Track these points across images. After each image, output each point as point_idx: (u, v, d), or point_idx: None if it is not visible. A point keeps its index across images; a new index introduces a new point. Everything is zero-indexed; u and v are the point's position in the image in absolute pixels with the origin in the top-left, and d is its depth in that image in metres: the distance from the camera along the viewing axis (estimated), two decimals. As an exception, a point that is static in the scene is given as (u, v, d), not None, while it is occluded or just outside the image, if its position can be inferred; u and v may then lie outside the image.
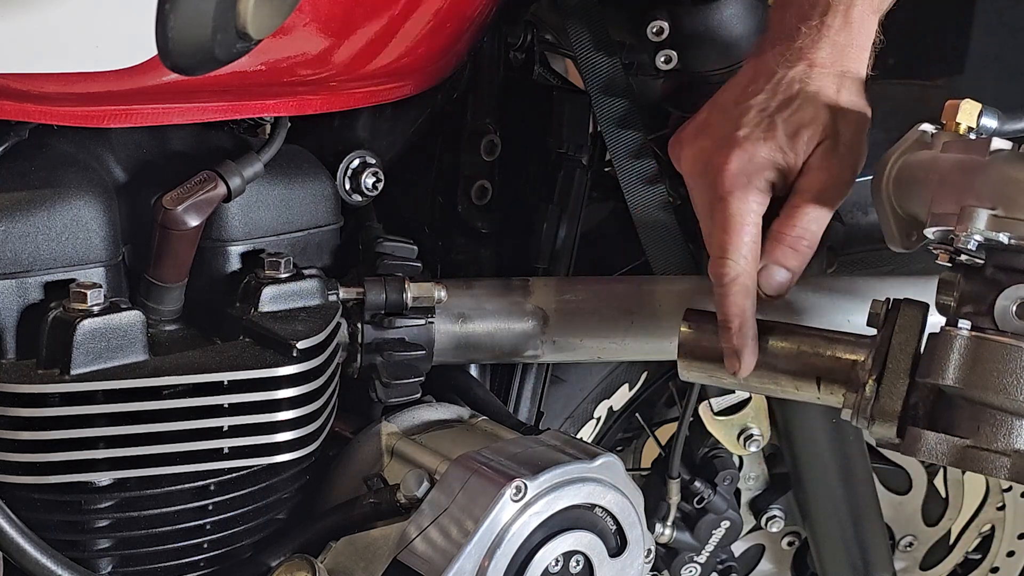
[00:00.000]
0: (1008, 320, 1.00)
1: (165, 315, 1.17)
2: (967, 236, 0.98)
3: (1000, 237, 0.97)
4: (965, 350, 1.01)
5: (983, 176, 0.98)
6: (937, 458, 1.02)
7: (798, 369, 1.14)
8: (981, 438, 1.01)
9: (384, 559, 1.14)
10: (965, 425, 1.03)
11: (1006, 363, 0.99)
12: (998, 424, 1.01)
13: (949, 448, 1.02)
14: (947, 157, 1.04)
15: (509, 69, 1.44)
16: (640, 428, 1.71)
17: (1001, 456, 1.00)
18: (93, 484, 1.11)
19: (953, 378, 1.01)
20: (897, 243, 1.11)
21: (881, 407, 1.07)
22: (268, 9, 0.88)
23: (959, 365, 1.01)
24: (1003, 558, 1.87)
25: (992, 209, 0.97)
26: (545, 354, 1.35)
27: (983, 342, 1.00)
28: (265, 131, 1.22)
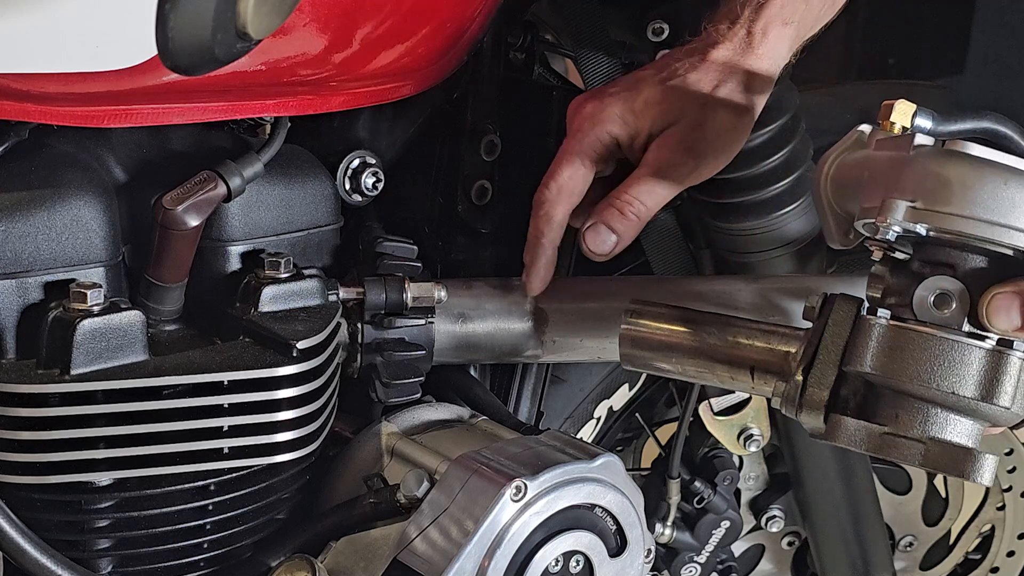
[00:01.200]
0: (926, 310, 1.02)
1: (165, 315, 1.17)
2: (886, 227, 1.00)
3: (918, 228, 0.99)
4: (882, 338, 1.03)
5: (906, 170, 1.01)
6: (856, 444, 1.04)
7: (733, 359, 1.17)
8: (898, 425, 1.03)
9: (384, 559, 1.14)
10: (885, 413, 1.05)
11: (921, 351, 1.01)
12: (914, 411, 1.03)
13: (867, 435, 1.04)
14: (877, 154, 1.07)
15: (509, 69, 1.44)
16: (640, 428, 1.71)
17: (916, 443, 1.02)
18: (93, 484, 1.11)
19: (871, 365, 1.03)
20: (835, 240, 1.14)
21: (808, 397, 1.08)
22: (268, 9, 0.88)
23: (877, 353, 1.03)
24: (1003, 558, 1.87)
25: (912, 201, 0.99)
26: (545, 354, 1.35)
27: (900, 331, 1.02)
28: (265, 131, 1.22)
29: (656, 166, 1.22)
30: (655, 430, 1.72)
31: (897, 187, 1.00)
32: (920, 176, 1.00)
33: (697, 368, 1.19)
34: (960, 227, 0.98)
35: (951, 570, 1.88)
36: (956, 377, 1.00)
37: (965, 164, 0.98)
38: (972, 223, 0.98)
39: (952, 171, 0.98)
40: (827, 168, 1.11)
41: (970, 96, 1.71)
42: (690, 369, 1.20)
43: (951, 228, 0.98)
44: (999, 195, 0.97)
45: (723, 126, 1.23)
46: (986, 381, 1.00)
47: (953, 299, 1.01)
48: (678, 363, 1.20)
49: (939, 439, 1.02)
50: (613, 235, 1.23)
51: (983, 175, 0.98)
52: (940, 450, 1.02)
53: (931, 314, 1.02)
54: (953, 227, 0.98)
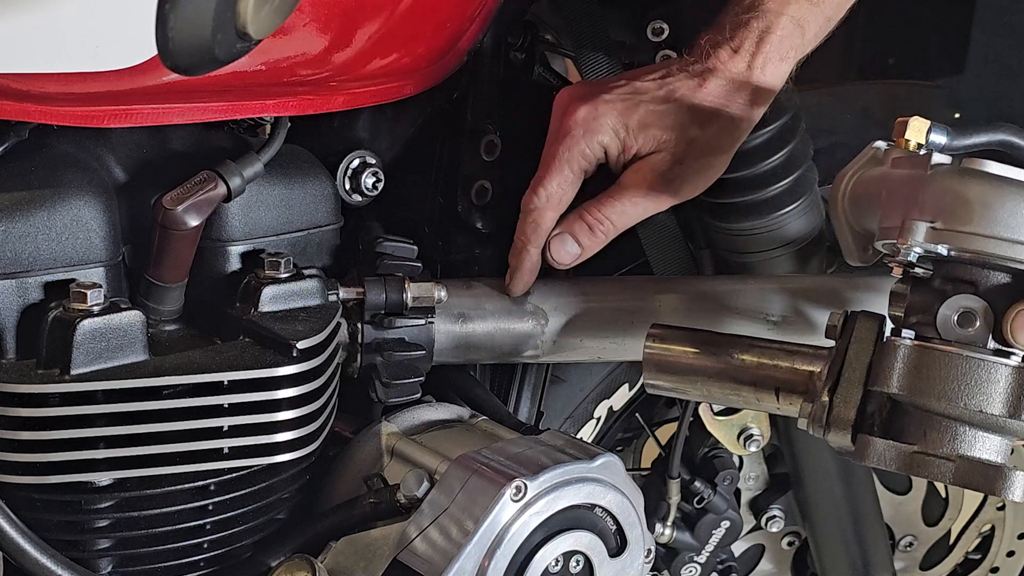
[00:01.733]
0: (950, 329, 1.03)
1: (165, 315, 1.17)
2: (907, 248, 1.01)
3: (939, 249, 1.00)
4: (908, 358, 1.03)
5: (924, 190, 1.01)
6: (886, 464, 1.05)
7: (758, 380, 1.18)
8: (927, 444, 1.04)
9: (384, 559, 1.14)
10: (912, 431, 1.05)
11: (947, 370, 1.01)
12: (943, 430, 1.04)
13: (897, 454, 1.05)
14: (894, 173, 1.08)
15: (509, 69, 1.44)
16: (640, 428, 1.71)
17: (946, 461, 1.03)
18: (93, 484, 1.11)
19: (898, 386, 1.04)
20: (854, 257, 1.15)
21: (835, 416, 1.09)
22: (268, 9, 0.88)
23: (903, 373, 1.03)
24: (1003, 558, 1.87)
25: (932, 222, 1.00)
26: (545, 354, 1.35)
27: (925, 351, 1.03)
28: (265, 131, 1.22)
29: (631, 189, 1.25)
30: (655, 430, 1.72)
31: (916, 207, 1.01)
32: (939, 196, 1.00)
33: (722, 391, 1.20)
34: (981, 246, 0.99)
35: (951, 570, 1.88)
36: (983, 395, 1.01)
37: (984, 183, 0.99)
38: (993, 242, 0.98)
39: (971, 190, 0.99)
40: (844, 185, 1.12)
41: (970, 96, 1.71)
42: (715, 392, 1.21)
43: (972, 248, 0.99)
44: (1019, 212, 0.98)
45: (704, 164, 1.26)
46: (1013, 398, 1.01)
47: (977, 317, 1.02)
48: (703, 387, 1.21)
49: (968, 457, 1.03)
50: (578, 248, 1.27)
51: (1002, 193, 0.98)
52: (970, 467, 1.02)
53: (955, 332, 1.02)
54: (974, 246, 0.99)
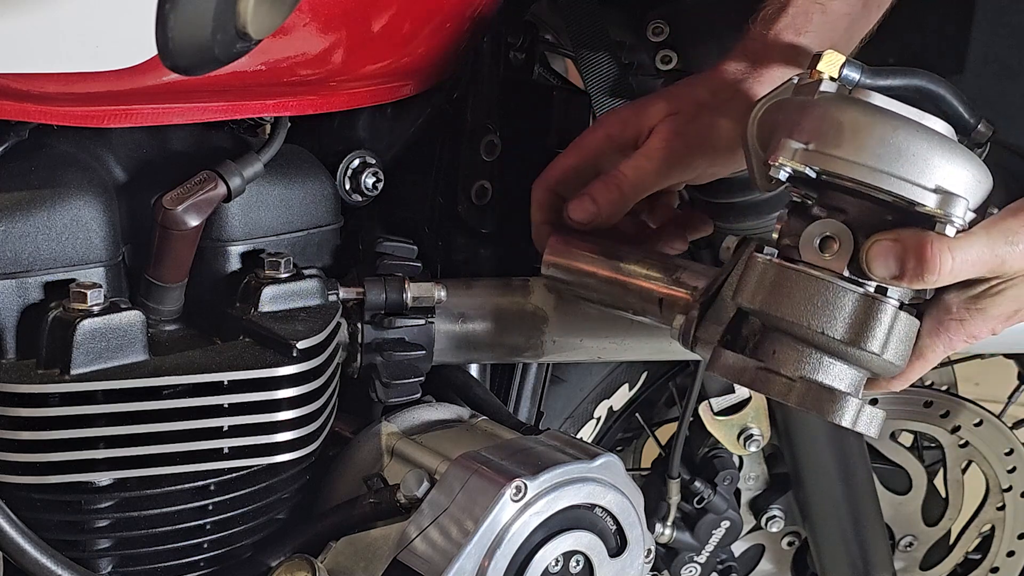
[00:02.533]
0: (810, 251, 1.03)
1: (165, 315, 1.17)
2: (776, 167, 1.01)
3: (807, 170, 1.00)
4: (764, 275, 1.04)
5: (806, 113, 1.02)
6: (733, 376, 1.06)
7: (644, 290, 1.19)
8: (774, 361, 1.05)
9: (384, 559, 1.14)
10: (764, 349, 1.06)
11: (797, 290, 1.02)
12: (790, 350, 1.05)
13: (743, 368, 1.06)
14: (791, 99, 1.08)
15: (509, 69, 1.44)
16: (640, 428, 1.71)
17: (787, 380, 1.04)
18: (93, 484, 1.11)
19: (750, 300, 1.05)
20: (760, 184, 1.14)
21: (703, 332, 1.11)
22: (268, 9, 0.88)
23: (757, 289, 1.05)
24: (1003, 558, 1.87)
25: (805, 143, 1.00)
26: (545, 354, 1.35)
27: (780, 269, 1.04)
28: (265, 131, 1.22)
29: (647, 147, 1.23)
30: (655, 430, 1.72)
31: (795, 129, 1.02)
32: (817, 119, 1.01)
33: (611, 296, 1.22)
34: (847, 171, 0.99)
35: (951, 570, 1.88)
36: (828, 318, 1.01)
37: (859, 110, 1.00)
38: (857, 168, 0.99)
39: (847, 116, 1.00)
40: (754, 113, 1.12)
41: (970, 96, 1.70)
42: (604, 296, 1.22)
43: (838, 171, 0.99)
44: (887, 142, 0.98)
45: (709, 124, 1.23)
46: (856, 324, 1.01)
47: (837, 242, 1.02)
48: (594, 290, 1.23)
49: (808, 378, 1.04)
50: (592, 204, 1.23)
51: (874, 121, 0.99)
52: (807, 389, 1.03)
53: (814, 255, 1.03)
54: (840, 170, 0.99)
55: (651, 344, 1.36)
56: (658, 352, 1.39)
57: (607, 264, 1.22)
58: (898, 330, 1.03)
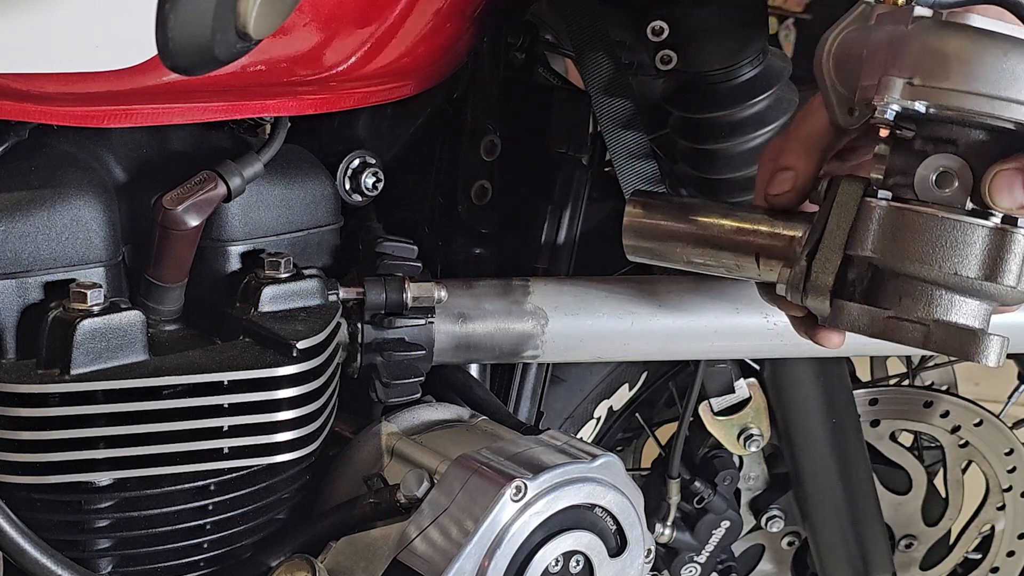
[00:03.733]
0: (927, 190, 0.99)
1: (165, 315, 1.17)
2: (883, 106, 0.97)
3: (916, 106, 0.96)
4: (883, 220, 1.00)
5: (903, 45, 0.97)
6: (860, 329, 1.02)
7: (738, 245, 1.14)
8: (902, 309, 1.01)
9: (384, 559, 1.14)
10: (889, 297, 1.02)
11: (923, 232, 0.98)
12: (918, 294, 1.00)
13: (871, 319, 1.01)
14: (877, 29, 1.03)
15: (509, 69, 1.44)
16: (640, 428, 1.71)
17: (919, 325, 1.00)
18: (93, 484, 1.11)
19: (872, 248, 1.00)
20: (839, 119, 1.08)
21: (813, 282, 1.05)
22: (268, 9, 0.88)
23: (878, 235, 1.00)
24: (1003, 558, 1.87)
25: (909, 78, 0.96)
26: (545, 354, 1.35)
27: (900, 212, 0.99)
28: (265, 131, 1.22)
29: (813, 100, 1.13)
30: (655, 430, 1.72)
31: (895, 64, 0.97)
32: (917, 51, 0.96)
33: (702, 257, 1.16)
34: (959, 103, 0.94)
35: (951, 570, 1.88)
36: (959, 257, 0.97)
37: (964, 36, 0.95)
38: (971, 98, 0.94)
39: (950, 44, 0.95)
40: (828, 45, 1.06)
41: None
42: (695, 258, 1.17)
43: (950, 104, 0.95)
44: (999, 68, 0.93)
45: None
46: (990, 260, 0.97)
47: (955, 177, 0.98)
48: (683, 252, 1.17)
49: (943, 321, 0.99)
50: (790, 170, 1.12)
51: (982, 47, 0.94)
52: (944, 332, 0.99)
53: (933, 193, 0.98)
54: (952, 103, 0.95)
55: (651, 344, 1.37)
56: (658, 352, 1.39)
57: (694, 222, 1.16)
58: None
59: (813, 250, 1.06)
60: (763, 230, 1.12)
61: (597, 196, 1.51)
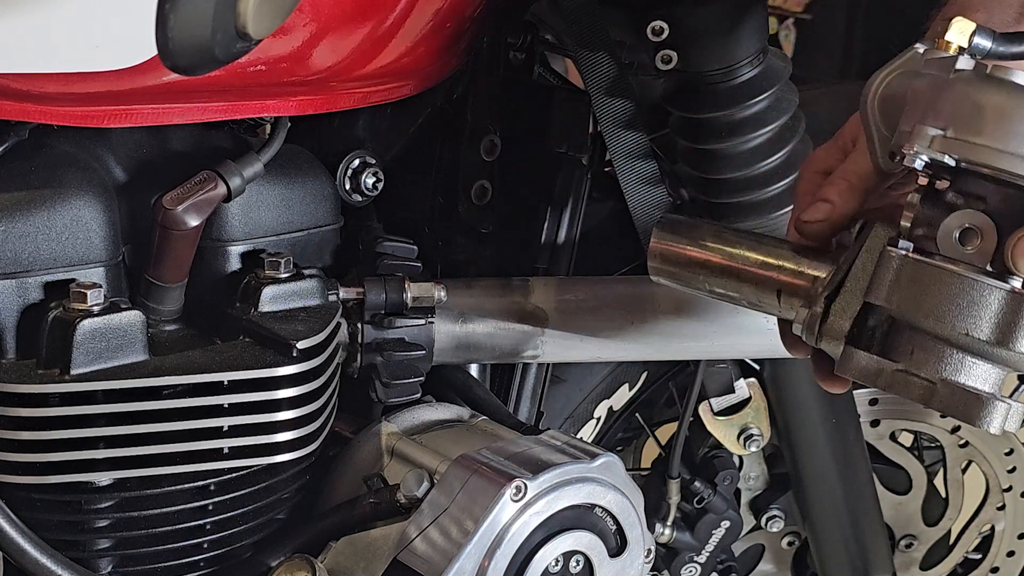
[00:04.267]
0: (949, 245, 0.96)
1: (165, 315, 1.17)
2: (912, 155, 0.94)
3: (946, 159, 0.93)
4: (901, 271, 0.97)
5: (941, 95, 0.95)
6: (867, 379, 0.99)
7: (761, 280, 1.12)
8: (912, 363, 0.98)
9: (384, 559, 1.14)
10: (901, 350, 0.99)
11: (938, 288, 0.95)
12: (929, 350, 0.97)
13: (879, 370, 0.99)
14: (922, 75, 1.00)
15: (509, 69, 1.44)
16: (640, 428, 1.71)
17: (927, 383, 0.97)
18: (93, 484, 1.11)
19: (887, 299, 0.98)
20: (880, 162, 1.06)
21: (829, 326, 1.03)
22: (268, 9, 0.88)
23: (894, 286, 0.97)
24: (1003, 558, 1.87)
25: (943, 129, 0.93)
26: (545, 354, 1.35)
27: (919, 265, 0.96)
28: (265, 131, 1.22)
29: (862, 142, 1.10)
30: (655, 430, 1.72)
31: (930, 113, 0.94)
32: (954, 102, 0.93)
33: (724, 287, 1.14)
34: (990, 160, 0.91)
35: (951, 570, 1.88)
36: (973, 318, 0.94)
37: (1002, 92, 0.92)
38: (1004, 157, 0.91)
39: (988, 98, 0.92)
40: (876, 86, 1.04)
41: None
42: (717, 288, 1.15)
43: (981, 160, 0.92)
44: None
45: None
46: (1004, 324, 0.93)
47: (980, 236, 0.95)
48: (705, 280, 1.15)
49: (951, 381, 0.97)
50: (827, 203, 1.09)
51: (1020, 105, 0.91)
52: (950, 392, 0.96)
53: (955, 249, 0.95)
54: (983, 159, 0.92)
55: (651, 344, 1.37)
56: (658, 352, 1.39)
57: (719, 252, 1.14)
58: None
59: (834, 293, 1.04)
60: (788, 267, 1.10)
61: (597, 196, 1.51)
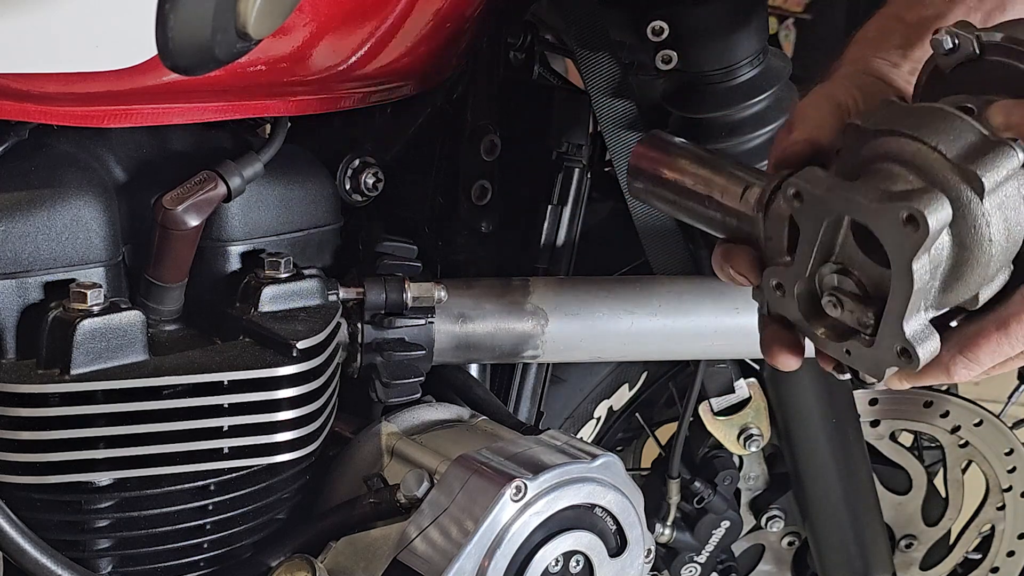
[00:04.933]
0: None
1: (165, 315, 1.17)
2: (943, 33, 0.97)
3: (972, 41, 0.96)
4: (886, 106, 0.97)
5: None
6: (812, 183, 0.93)
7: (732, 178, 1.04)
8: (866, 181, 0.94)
9: (384, 559, 1.14)
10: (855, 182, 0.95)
11: (924, 114, 0.94)
12: (891, 171, 0.94)
13: (826, 179, 0.93)
14: None
15: (509, 69, 1.44)
16: (640, 428, 1.71)
17: (876, 191, 0.92)
18: (93, 484, 1.11)
19: (865, 119, 0.95)
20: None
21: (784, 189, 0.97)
22: (268, 9, 0.88)
23: (878, 113, 0.95)
24: (1003, 558, 1.87)
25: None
26: (545, 354, 1.35)
27: (906, 104, 0.98)
28: (265, 131, 1.22)
29: None
30: (655, 430, 1.72)
31: None
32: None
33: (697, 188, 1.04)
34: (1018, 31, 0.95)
35: (951, 570, 1.88)
36: (946, 137, 0.92)
37: None
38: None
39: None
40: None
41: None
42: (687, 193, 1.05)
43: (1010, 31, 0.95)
44: None
45: None
46: (974, 152, 0.91)
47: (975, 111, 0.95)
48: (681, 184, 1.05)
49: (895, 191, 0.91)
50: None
51: None
52: (893, 192, 0.91)
53: None
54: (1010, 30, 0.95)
55: (651, 344, 1.37)
56: (658, 352, 1.39)
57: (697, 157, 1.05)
58: (1009, 193, 0.91)
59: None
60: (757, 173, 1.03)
61: (597, 196, 1.51)
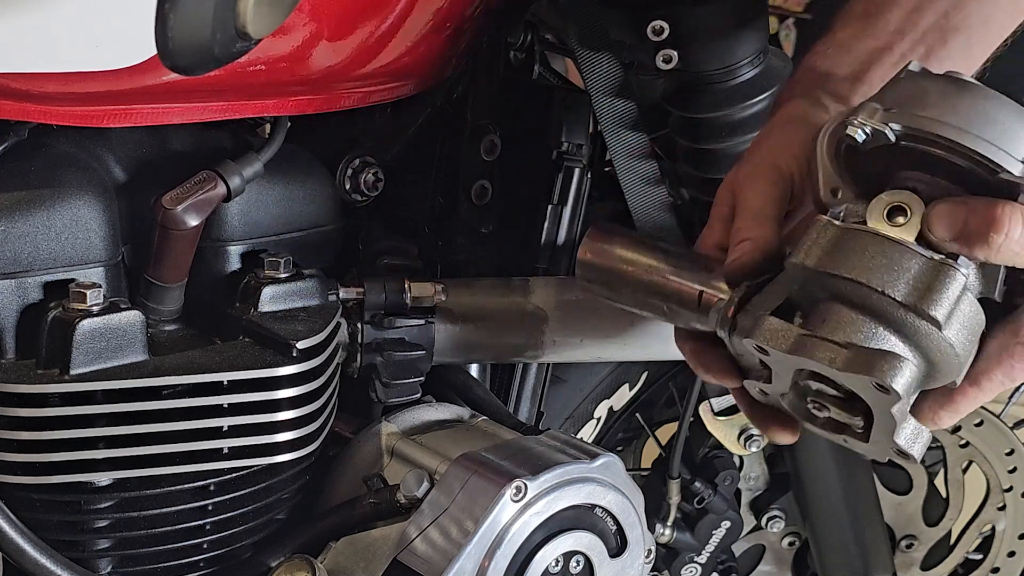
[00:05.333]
0: (876, 218, 0.97)
1: (165, 315, 1.17)
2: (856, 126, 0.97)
3: (887, 130, 0.95)
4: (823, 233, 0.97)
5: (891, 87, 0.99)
6: (773, 341, 0.97)
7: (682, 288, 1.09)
8: (823, 329, 0.97)
9: (384, 559, 1.14)
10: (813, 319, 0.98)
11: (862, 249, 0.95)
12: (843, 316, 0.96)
13: (787, 334, 0.97)
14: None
15: (509, 69, 1.44)
16: (640, 428, 1.71)
17: (836, 346, 0.95)
18: (93, 484, 1.11)
19: (804, 257, 0.97)
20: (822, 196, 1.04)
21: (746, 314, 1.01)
22: (268, 9, 0.88)
23: (813, 247, 0.97)
24: (1004, 558, 1.87)
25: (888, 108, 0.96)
26: (545, 354, 1.35)
27: (844, 229, 0.97)
28: (265, 131, 1.22)
29: None
30: (655, 430, 1.72)
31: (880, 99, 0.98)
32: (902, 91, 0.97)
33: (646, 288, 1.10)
34: (933, 128, 0.94)
35: (952, 570, 1.88)
36: (889, 277, 0.94)
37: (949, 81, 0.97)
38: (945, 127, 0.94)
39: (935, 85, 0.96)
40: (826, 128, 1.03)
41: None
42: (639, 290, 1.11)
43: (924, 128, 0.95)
44: (976, 108, 0.94)
45: None
46: (920, 287, 0.93)
47: (908, 213, 0.96)
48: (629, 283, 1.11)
49: (859, 345, 0.95)
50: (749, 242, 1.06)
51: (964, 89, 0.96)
52: (855, 354, 0.95)
53: (882, 225, 0.97)
54: (926, 127, 0.95)
55: (651, 344, 1.36)
56: (658, 352, 1.39)
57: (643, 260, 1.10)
58: (963, 309, 0.95)
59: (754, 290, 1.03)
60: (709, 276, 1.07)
61: (597, 196, 1.51)
